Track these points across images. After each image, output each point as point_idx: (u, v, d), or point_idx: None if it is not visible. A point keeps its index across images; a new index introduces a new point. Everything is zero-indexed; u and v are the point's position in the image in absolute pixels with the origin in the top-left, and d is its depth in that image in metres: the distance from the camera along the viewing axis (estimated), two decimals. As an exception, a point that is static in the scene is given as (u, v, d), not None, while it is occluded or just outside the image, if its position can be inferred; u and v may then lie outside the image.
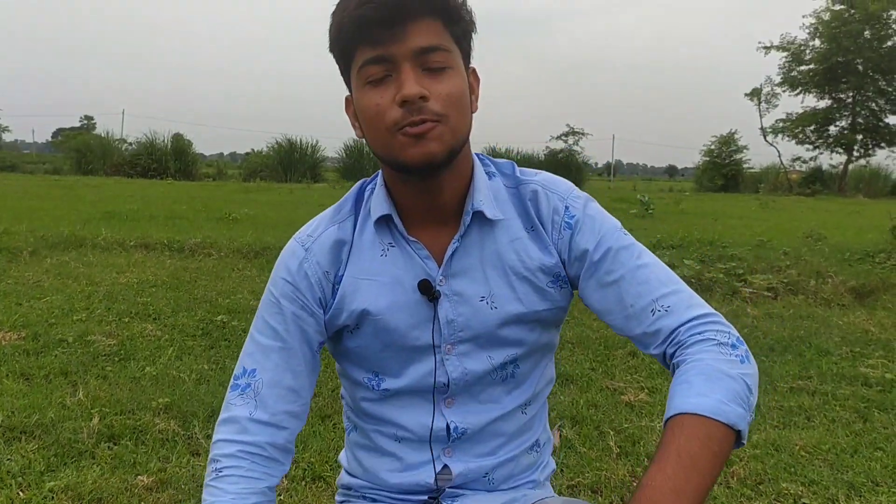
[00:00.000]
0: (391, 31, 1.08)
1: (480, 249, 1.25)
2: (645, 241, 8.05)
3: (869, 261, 7.26)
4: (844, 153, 34.50)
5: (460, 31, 1.15)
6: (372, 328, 1.26)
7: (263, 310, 1.27)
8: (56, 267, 6.43)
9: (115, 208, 11.26)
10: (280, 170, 29.86)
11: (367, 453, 1.38)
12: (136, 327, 4.48)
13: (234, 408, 1.22)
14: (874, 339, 4.69)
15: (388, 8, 1.06)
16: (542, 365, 1.38)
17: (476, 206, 1.22)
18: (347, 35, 1.10)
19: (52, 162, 33.51)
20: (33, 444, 2.78)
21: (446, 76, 1.11)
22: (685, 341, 1.13)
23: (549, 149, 34.82)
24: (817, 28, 33.33)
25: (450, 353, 1.27)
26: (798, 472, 2.75)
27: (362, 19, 1.07)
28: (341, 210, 1.29)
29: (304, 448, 2.85)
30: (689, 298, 1.18)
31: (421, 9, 1.08)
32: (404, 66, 1.09)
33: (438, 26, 1.11)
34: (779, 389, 3.67)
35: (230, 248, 7.47)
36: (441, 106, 1.10)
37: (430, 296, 1.24)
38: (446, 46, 1.12)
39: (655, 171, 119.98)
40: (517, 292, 1.26)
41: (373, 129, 1.14)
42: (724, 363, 1.08)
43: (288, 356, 1.24)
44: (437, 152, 1.11)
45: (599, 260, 1.22)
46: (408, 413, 1.32)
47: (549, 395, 1.46)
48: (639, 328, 1.19)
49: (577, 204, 1.26)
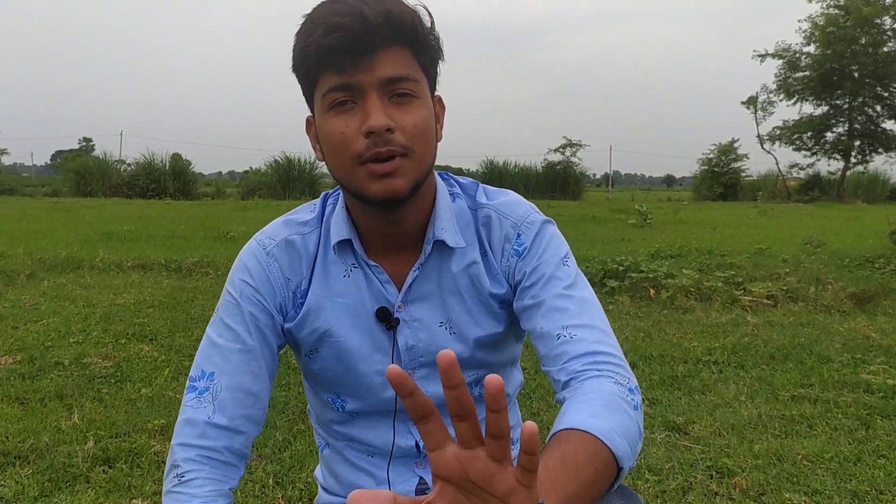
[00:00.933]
0: (359, 59, 1.06)
1: (438, 275, 1.24)
2: (643, 251, 8.10)
3: (869, 266, 7.25)
4: (842, 159, 34.54)
5: (428, 59, 1.13)
6: (333, 351, 1.25)
7: (221, 311, 1.24)
8: (53, 289, 6.40)
9: (113, 229, 11.24)
10: (278, 187, 29.87)
11: (342, 468, 1.37)
12: (133, 348, 4.46)
13: (191, 410, 1.18)
14: (875, 345, 4.66)
15: (356, 38, 1.05)
16: (506, 376, 1.38)
17: (437, 234, 1.21)
18: (313, 61, 1.08)
19: (50, 184, 33.55)
20: (27, 469, 2.75)
21: (413, 106, 1.10)
22: (583, 373, 1.10)
23: (546, 161, 34.82)
24: (812, 33, 33.42)
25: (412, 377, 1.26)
26: (801, 481, 2.72)
27: (329, 48, 1.05)
28: (306, 222, 1.27)
29: (300, 468, 2.82)
30: (601, 336, 1.15)
31: (390, 38, 1.07)
32: (371, 95, 1.07)
33: (407, 55, 1.09)
34: (780, 398, 3.64)
35: (228, 267, 7.37)
36: (407, 138, 1.08)
37: (388, 323, 1.23)
38: (414, 76, 1.10)
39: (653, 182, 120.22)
40: (475, 317, 1.26)
41: (336, 157, 1.12)
42: (622, 400, 1.05)
43: (248, 358, 1.21)
44: (401, 189, 1.10)
45: (530, 285, 1.21)
46: (375, 432, 1.31)
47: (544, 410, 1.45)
48: (543, 349, 1.17)
49: (528, 231, 1.24)
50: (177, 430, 1.19)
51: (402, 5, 1.08)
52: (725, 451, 2.98)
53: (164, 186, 28.27)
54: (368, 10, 1.04)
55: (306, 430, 3.16)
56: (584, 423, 0.96)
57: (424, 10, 1.12)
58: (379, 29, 1.05)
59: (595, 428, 0.96)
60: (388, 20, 1.05)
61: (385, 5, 1.06)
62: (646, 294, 6.16)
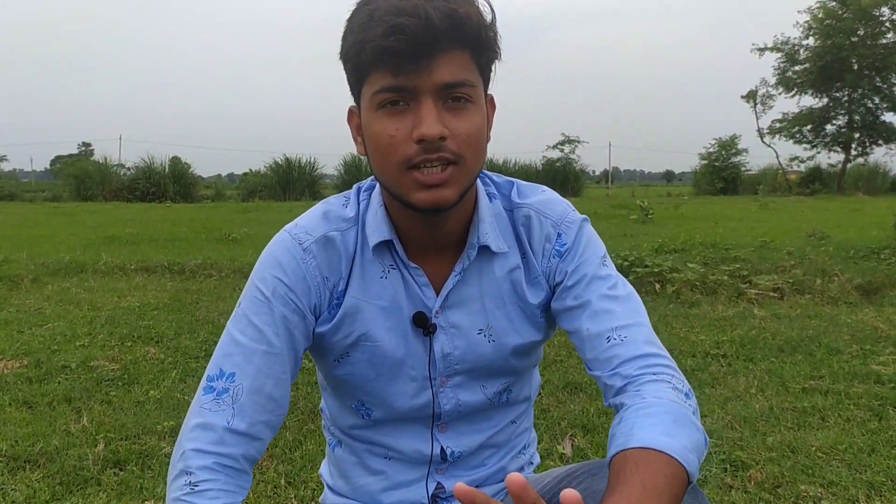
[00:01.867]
0: (417, 63, 0.99)
1: (479, 280, 1.21)
2: (646, 246, 8.08)
3: (874, 257, 7.24)
4: (842, 152, 34.50)
5: (486, 60, 1.08)
6: (367, 355, 1.21)
7: (247, 307, 1.16)
8: (57, 293, 6.39)
9: (114, 233, 11.24)
10: (279, 188, 29.88)
11: (354, 470, 1.34)
12: (139, 351, 4.44)
13: (209, 413, 1.10)
14: (884, 335, 4.65)
15: (417, 41, 0.98)
16: (529, 380, 1.37)
17: (482, 239, 1.18)
18: (367, 57, 1.01)
19: (51, 189, 33.46)
20: (38, 473, 2.74)
21: (468, 112, 1.05)
22: (639, 377, 1.09)
23: (545, 158, 34.80)
24: (811, 26, 33.38)
25: (444, 386, 1.24)
26: (816, 473, 2.70)
27: (388, 49, 0.98)
28: (344, 217, 1.20)
29: (312, 467, 2.81)
30: (648, 335, 1.15)
31: (452, 41, 1.01)
32: (426, 100, 1.02)
33: (467, 58, 1.04)
34: (791, 390, 3.63)
35: (231, 268, 7.44)
36: (459, 146, 1.04)
37: (426, 329, 1.19)
38: (472, 80, 1.04)
39: (653, 177, 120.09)
40: (515, 323, 1.23)
41: (382, 159, 1.06)
42: (684, 408, 1.03)
43: (272, 361, 1.13)
44: (449, 199, 1.06)
45: (573, 285, 1.19)
46: (400, 439, 1.28)
47: (554, 405, 1.47)
48: (591, 352, 1.15)
49: (569, 231, 1.22)
50: (189, 432, 1.11)
51: (467, 2, 1.02)
52: (739, 444, 2.96)
53: (165, 190, 28.26)
54: (434, 11, 0.97)
55: (316, 430, 3.14)
56: (660, 442, 0.95)
57: (488, 5, 1.06)
58: (442, 32, 0.98)
59: (670, 448, 0.95)
60: (453, 22, 0.99)
61: (450, 3, 0.99)
62: (651, 289, 6.14)
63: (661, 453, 0.94)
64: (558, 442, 3.02)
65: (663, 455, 0.94)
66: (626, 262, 6.61)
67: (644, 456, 0.94)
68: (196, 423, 1.11)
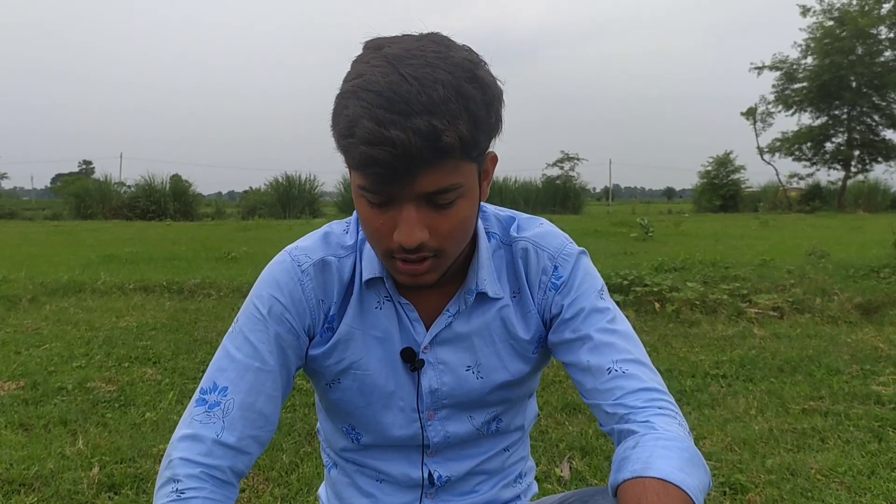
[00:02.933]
0: (397, 178, 0.96)
1: (469, 319, 1.22)
2: (646, 264, 8.06)
3: (874, 276, 7.20)
4: (842, 169, 34.57)
5: (480, 151, 1.03)
6: (356, 384, 1.22)
7: (244, 324, 1.18)
8: (55, 313, 6.38)
9: (114, 252, 11.22)
10: (279, 206, 29.92)
11: (348, 491, 1.36)
12: (137, 372, 4.42)
13: (199, 425, 1.12)
14: (884, 355, 4.63)
15: (394, 169, 0.95)
16: (524, 408, 1.37)
17: (480, 286, 1.19)
18: (351, 158, 0.98)
19: (51, 207, 33.51)
20: (32, 497, 2.72)
21: (453, 209, 1.03)
22: (645, 408, 1.10)
23: (545, 176, 34.87)
24: (809, 45, 33.53)
25: (432, 419, 1.25)
26: (815, 496, 2.68)
27: (370, 159, 0.94)
28: (343, 244, 1.22)
29: (308, 491, 2.79)
30: (650, 373, 1.16)
31: (435, 157, 0.95)
32: (407, 206, 1.00)
33: (453, 163, 0.99)
34: (791, 411, 3.61)
35: (230, 287, 7.42)
36: (440, 242, 1.04)
37: (413, 365, 1.20)
38: (458, 182, 1.01)
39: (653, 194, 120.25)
40: (504, 360, 1.24)
41: (368, 237, 1.10)
42: (693, 447, 1.05)
43: (265, 378, 1.15)
44: (430, 281, 1.09)
45: (570, 318, 1.19)
46: (389, 463, 1.29)
47: (553, 427, 1.46)
48: (591, 383, 1.15)
49: (566, 264, 1.22)
50: (178, 441, 1.12)
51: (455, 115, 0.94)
52: (738, 466, 2.94)
53: (165, 208, 28.29)
54: (413, 138, 0.91)
55: (313, 453, 3.12)
56: (677, 478, 0.97)
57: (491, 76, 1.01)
58: (422, 158, 0.94)
59: (686, 485, 0.96)
60: (435, 147, 0.93)
61: (434, 121, 0.92)
62: (651, 308, 6.12)
63: (678, 489, 0.95)
64: (556, 464, 3.00)
65: (680, 492, 0.95)
66: (625, 282, 6.60)
67: (663, 489, 0.95)
68: (185, 434, 1.13)
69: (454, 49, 0.99)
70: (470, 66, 0.97)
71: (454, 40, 1.02)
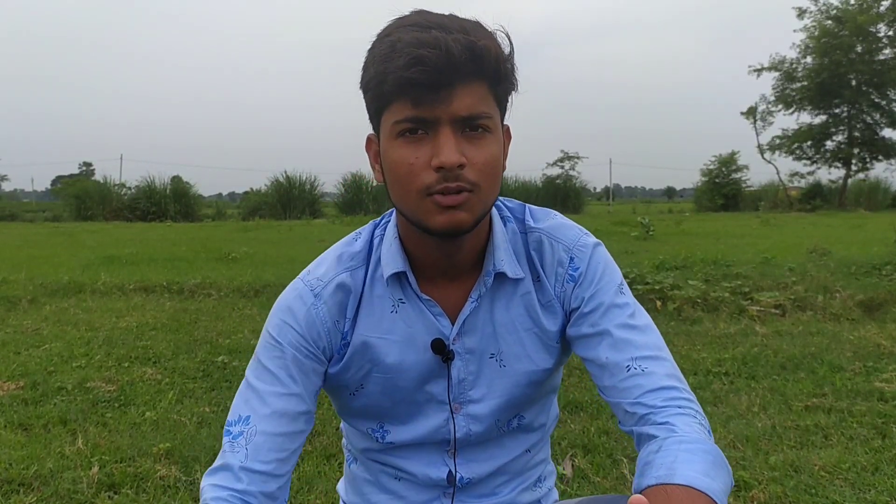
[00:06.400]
0: (437, 94, 1.01)
1: (491, 305, 1.21)
2: (648, 262, 8.05)
3: (875, 274, 7.18)
4: (843, 168, 34.55)
5: (503, 91, 1.09)
6: (379, 387, 1.22)
7: (262, 353, 1.20)
8: (55, 314, 6.37)
9: (114, 253, 11.20)
10: (279, 207, 29.89)
11: (367, 487, 1.36)
12: (136, 372, 4.41)
13: (227, 455, 1.14)
14: (887, 352, 4.62)
15: (438, 73, 0.99)
16: (546, 408, 1.36)
17: (498, 266, 1.18)
18: (389, 88, 1.02)
19: (51, 209, 33.52)
20: (31, 497, 2.70)
21: (485, 141, 1.06)
22: (665, 408, 1.09)
23: (545, 175, 34.83)
24: (807, 45, 33.51)
25: (458, 412, 1.24)
26: (819, 493, 2.67)
27: (409, 80, 1.00)
28: (353, 256, 1.22)
29: (309, 490, 2.77)
30: (671, 368, 1.14)
31: (472, 73, 1.02)
32: (444, 129, 1.03)
33: (485, 89, 1.05)
34: (794, 408, 3.59)
35: (230, 287, 7.41)
36: (476, 174, 1.05)
37: (444, 356, 1.20)
38: (489, 112, 1.06)
39: (654, 194, 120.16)
40: (527, 349, 1.23)
41: (401, 187, 1.08)
42: (716, 447, 1.04)
43: (286, 402, 1.16)
44: (465, 222, 1.07)
45: (589, 312, 1.18)
46: (412, 462, 1.29)
47: (559, 423, 1.44)
48: (609, 380, 1.14)
49: (582, 255, 1.21)
50: (208, 475, 1.15)
51: (487, 36, 1.04)
52: (741, 463, 2.93)
53: (165, 209, 28.28)
54: (454, 44, 0.99)
55: (313, 452, 3.11)
56: (703, 483, 0.96)
57: (506, 37, 1.08)
58: (462, 64, 1.00)
59: (712, 490, 0.96)
60: (473, 55, 1.01)
61: (470, 36, 1.01)
62: (652, 306, 6.11)
63: (704, 495, 0.95)
64: (558, 462, 2.98)
65: (706, 497, 0.95)
66: (627, 279, 6.51)
67: (689, 496, 0.95)
68: (215, 466, 1.16)
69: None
70: (485, 26, 1.06)
71: None
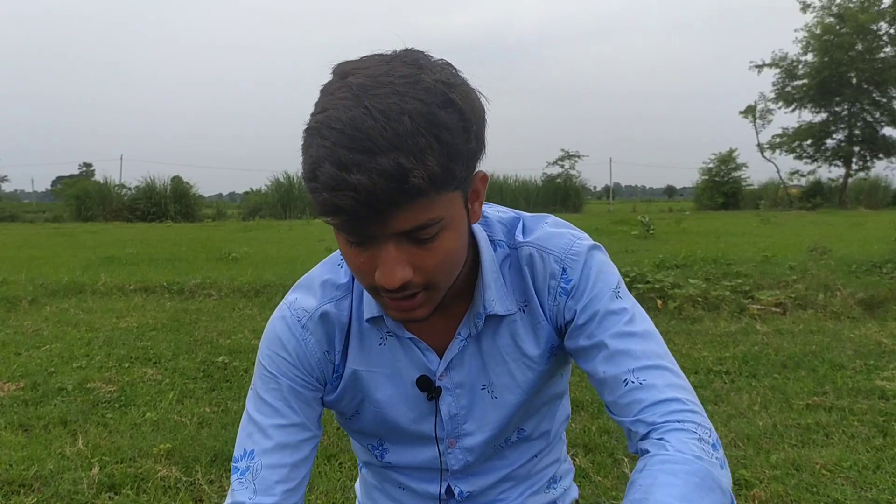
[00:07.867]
0: (367, 221, 0.89)
1: (479, 340, 1.17)
2: (648, 261, 8.04)
3: (876, 272, 7.17)
4: (843, 166, 34.51)
5: (462, 175, 0.93)
6: (372, 417, 1.22)
7: (259, 386, 1.17)
8: (55, 315, 6.37)
9: (114, 253, 11.20)
10: (279, 207, 29.88)
11: (375, 493, 1.39)
12: (137, 372, 4.41)
13: (236, 492, 1.13)
14: (888, 350, 4.61)
15: (366, 204, 0.85)
16: (549, 415, 1.32)
17: (488, 308, 1.12)
18: (316, 205, 0.89)
19: (51, 210, 33.47)
20: (32, 498, 2.70)
21: (437, 243, 0.94)
22: (663, 424, 1.01)
23: (546, 175, 34.80)
24: (809, 42, 33.48)
25: (453, 447, 1.23)
26: (821, 491, 2.67)
27: (333, 207, 0.86)
28: (338, 287, 1.17)
29: (310, 490, 2.77)
30: (672, 378, 1.07)
31: (409, 198, 0.87)
32: (386, 245, 0.92)
33: (429, 199, 0.89)
34: (795, 407, 3.59)
35: (230, 287, 7.41)
36: (426, 277, 0.97)
37: (430, 393, 1.17)
38: (438, 216, 0.92)
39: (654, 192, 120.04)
40: (516, 379, 1.19)
41: (352, 272, 1.01)
42: (714, 468, 0.96)
43: (288, 433, 1.15)
44: (423, 315, 1.02)
45: (584, 323, 1.11)
46: (411, 479, 1.30)
47: None
48: (610, 396, 1.08)
49: (574, 264, 1.12)
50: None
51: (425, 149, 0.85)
52: (742, 462, 2.93)
53: (166, 209, 28.25)
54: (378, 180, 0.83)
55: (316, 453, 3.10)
56: None
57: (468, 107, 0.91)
58: (390, 200, 0.86)
59: None
60: (403, 188, 0.85)
61: (401, 159, 0.83)
62: (653, 305, 6.10)
63: None
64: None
65: None
66: (627, 278, 6.58)
67: None
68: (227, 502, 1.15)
69: (427, 70, 0.89)
70: (443, 89, 0.88)
71: (430, 56, 0.93)
